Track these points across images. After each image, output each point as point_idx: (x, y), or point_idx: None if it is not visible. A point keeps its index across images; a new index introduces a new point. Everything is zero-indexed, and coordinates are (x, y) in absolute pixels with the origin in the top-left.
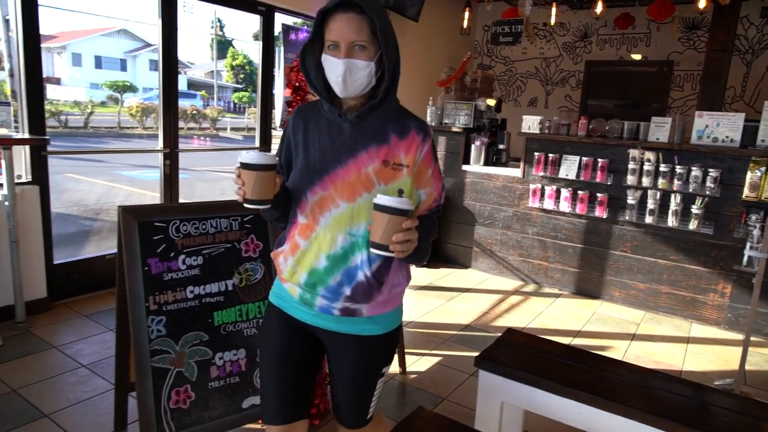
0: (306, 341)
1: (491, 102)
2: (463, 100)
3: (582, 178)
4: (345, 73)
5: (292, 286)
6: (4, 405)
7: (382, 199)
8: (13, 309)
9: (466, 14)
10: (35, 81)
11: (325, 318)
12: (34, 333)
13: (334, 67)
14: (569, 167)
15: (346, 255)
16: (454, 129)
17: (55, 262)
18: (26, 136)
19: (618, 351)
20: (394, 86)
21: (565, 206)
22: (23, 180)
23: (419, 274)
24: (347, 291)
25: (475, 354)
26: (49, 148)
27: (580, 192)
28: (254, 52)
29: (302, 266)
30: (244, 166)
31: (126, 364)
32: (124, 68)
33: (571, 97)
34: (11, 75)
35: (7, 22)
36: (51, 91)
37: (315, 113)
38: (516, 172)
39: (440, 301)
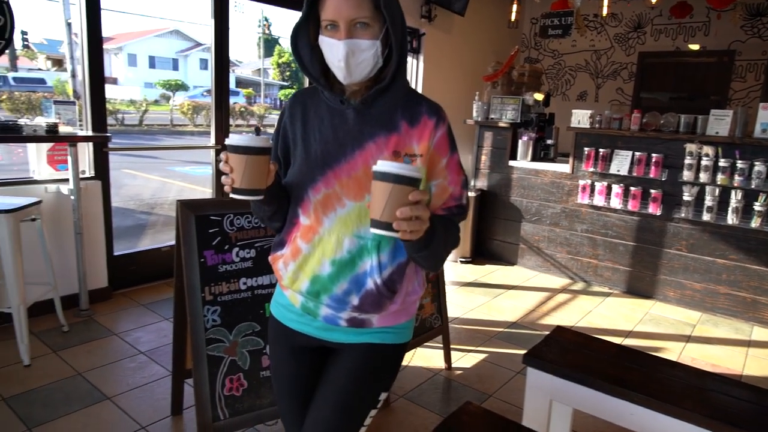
0: (314, 361)
1: (539, 96)
2: (510, 94)
3: (634, 174)
4: (347, 56)
5: (293, 294)
6: (71, 387)
7: (382, 165)
8: (77, 297)
9: (514, 7)
10: (98, 82)
11: (331, 329)
12: (97, 320)
13: (334, 50)
14: (621, 162)
15: (353, 260)
16: (501, 124)
17: (115, 253)
18: (90, 133)
19: (672, 353)
20: (403, 66)
21: (616, 203)
22: (87, 175)
23: (464, 271)
24: (355, 300)
25: (522, 352)
26: (109, 145)
27: (632, 188)
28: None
29: (304, 272)
30: (233, 149)
31: (182, 351)
32: (176, 67)
33: (623, 90)
34: (73, 76)
35: (69, 25)
36: (108, 91)
37: (315, 99)
38: (565, 168)
39: (486, 297)
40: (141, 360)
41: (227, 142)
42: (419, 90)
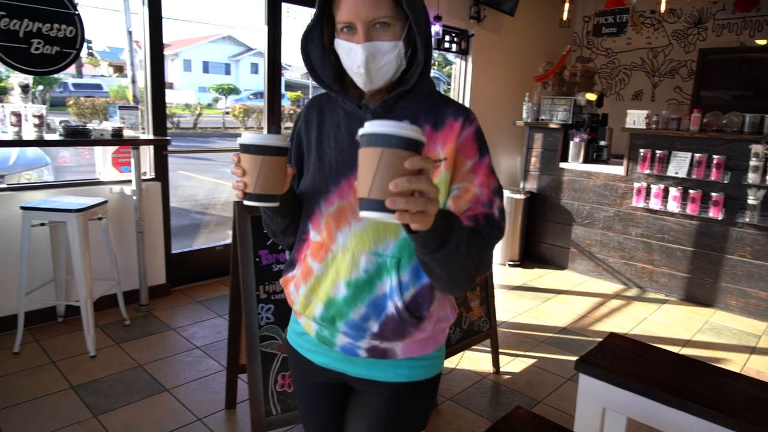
0: (337, 397)
1: (591, 96)
2: (561, 95)
3: (694, 176)
4: (367, 61)
5: (307, 322)
6: (132, 378)
7: (370, 126)
8: (138, 293)
9: (566, 6)
10: (158, 87)
11: (350, 361)
12: (155, 315)
13: (352, 55)
14: (679, 164)
15: (371, 281)
16: (552, 125)
17: (173, 251)
18: (151, 137)
19: (735, 364)
20: (428, 66)
21: (673, 206)
22: (148, 177)
23: (512, 274)
24: (374, 327)
25: (573, 358)
26: (168, 148)
27: (691, 191)
28: None
29: (317, 296)
30: (246, 148)
31: (237, 347)
32: (228, 72)
33: (682, 88)
34: (132, 81)
35: (130, 34)
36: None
37: (332, 104)
38: (618, 170)
39: (535, 302)
40: (197, 354)
41: (240, 141)
42: (467, 92)
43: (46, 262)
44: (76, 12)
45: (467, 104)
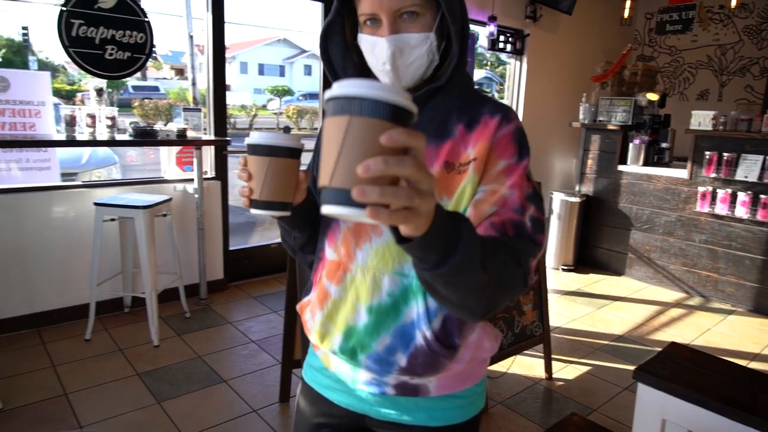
0: None
1: (653, 96)
2: (620, 95)
3: (765, 181)
4: (394, 57)
5: (325, 354)
6: (192, 368)
7: (338, 87)
8: (197, 287)
9: (628, 3)
10: (220, 90)
11: (376, 401)
12: (214, 309)
13: (377, 51)
14: (749, 168)
15: (396, 306)
16: (610, 127)
17: (230, 248)
18: (212, 137)
19: None
20: (463, 60)
21: (742, 212)
22: (208, 176)
23: (566, 279)
24: (402, 360)
25: (630, 367)
26: (228, 148)
27: (762, 196)
28: None
29: (335, 324)
30: (253, 149)
31: (292, 343)
32: (282, 74)
33: (753, 88)
34: (193, 84)
35: (191, 38)
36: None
37: None
38: (681, 173)
39: (589, 308)
40: (252, 348)
41: (247, 140)
42: (521, 92)
43: (115, 256)
44: (146, 19)
45: (521, 106)
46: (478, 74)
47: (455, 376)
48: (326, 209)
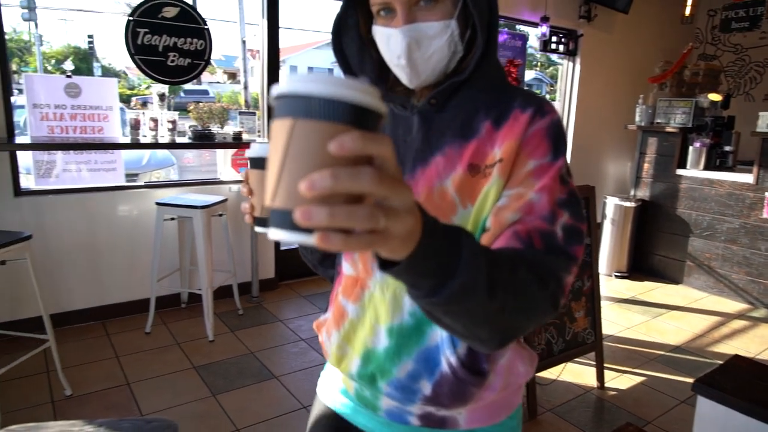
0: None
1: (716, 97)
2: (680, 96)
3: None
4: (409, 49)
5: (345, 378)
6: (245, 363)
7: (283, 83)
8: (250, 285)
9: (690, 0)
10: None
11: (401, 430)
12: (265, 307)
13: (391, 44)
14: None
15: (419, 327)
16: (668, 129)
17: (282, 248)
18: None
19: None
20: (491, 50)
21: None
22: None
23: (619, 286)
24: (426, 388)
25: (688, 379)
26: None
27: None
28: None
29: (353, 346)
30: (253, 162)
31: None
32: None
33: None
34: (245, 87)
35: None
36: None
37: None
38: (746, 178)
39: (644, 317)
40: (302, 346)
41: (248, 154)
42: (574, 94)
43: (174, 253)
44: (206, 27)
45: (573, 108)
46: (528, 75)
47: (487, 407)
48: (272, 234)
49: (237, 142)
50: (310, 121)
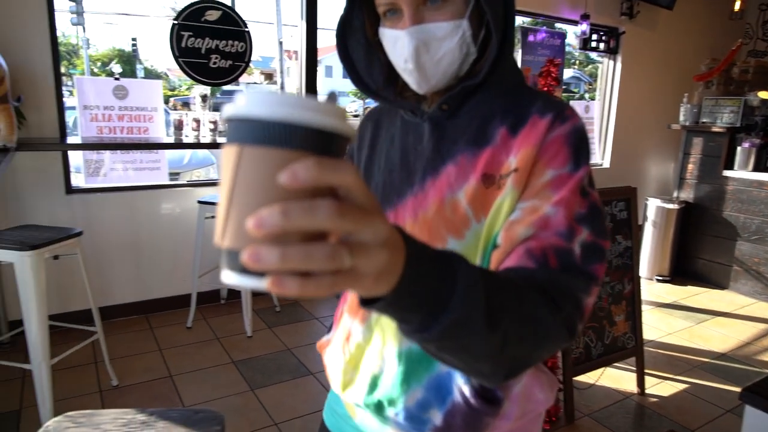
0: None
1: (766, 95)
2: (727, 95)
3: None
4: (417, 53)
5: (350, 404)
6: (282, 359)
7: (232, 105)
8: None
9: None
10: (312, 94)
11: None
12: (301, 305)
13: (397, 47)
14: None
15: None
16: (715, 129)
17: None
18: None
19: None
20: (507, 51)
21: None
22: None
23: (661, 290)
24: (437, 418)
25: (735, 388)
26: None
27: None
28: None
29: (359, 371)
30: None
31: None
32: None
33: None
34: (282, 88)
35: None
36: None
37: (391, 114)
38: None
39: (687, 322)
40: None
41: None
42: (614, 93)
43: (214, 250)
44: (247, 29)
45: (614, 107)
46: (566, 74)
47: None
48: (223, 277)
49: None
50: (258, 148)
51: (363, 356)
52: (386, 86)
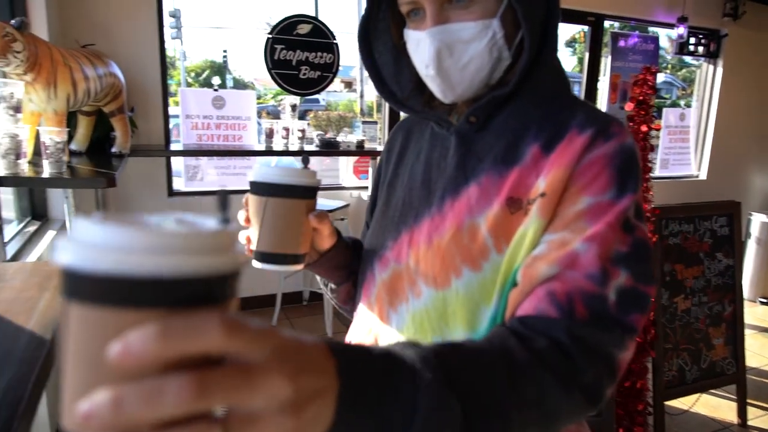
0: None
1: None
2: None
3: None
4: (438, 56)
5: None
6: None
7: (62, 251)
8: None
9: None
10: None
11: None
12: None
13: (419, 50)
14: None
15: None
16: None
17: None
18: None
19: None
20: (547, 56)
21: None
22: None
23: (765, 313)
24: None
25: None
26: None
27: None
28: (563, 59)
29: None
30: (253, 187)
31: None
32: None
33: None
34: (361, 96)
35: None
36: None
37: (422, 124)
38: None
39: None
40: None
41: (250, 178)
42: (714, 99)
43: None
44: (335, 41)
45: (713, 115)
46: (658, 78)
47: None
48: None
49: (360, 150)
50: (85, 307)
51: None
52: (414, 95)
